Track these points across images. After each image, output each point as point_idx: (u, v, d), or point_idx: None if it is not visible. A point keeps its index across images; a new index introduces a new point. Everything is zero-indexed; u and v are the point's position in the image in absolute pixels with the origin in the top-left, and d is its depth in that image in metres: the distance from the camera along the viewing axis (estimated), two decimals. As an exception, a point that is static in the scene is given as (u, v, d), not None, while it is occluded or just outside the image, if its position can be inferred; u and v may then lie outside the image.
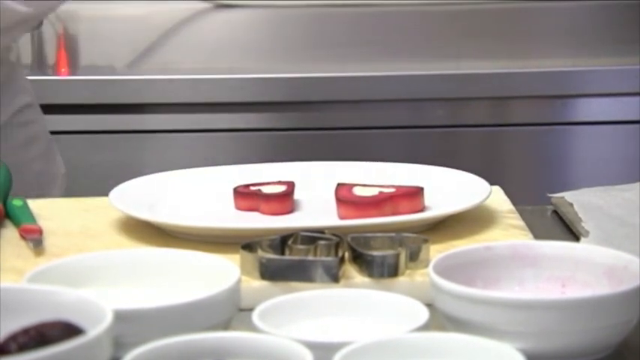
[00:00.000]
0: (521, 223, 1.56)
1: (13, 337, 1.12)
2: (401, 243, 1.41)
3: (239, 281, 1.28)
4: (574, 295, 1.29)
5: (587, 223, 1.57)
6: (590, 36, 2.82)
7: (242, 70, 2.56)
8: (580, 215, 1.61)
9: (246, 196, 1.60)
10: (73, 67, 2.74)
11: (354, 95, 2.49)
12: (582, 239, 1.52)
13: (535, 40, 2.83)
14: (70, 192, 1.98)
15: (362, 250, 1.39)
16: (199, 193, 1.65)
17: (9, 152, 1.93)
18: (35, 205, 1.62)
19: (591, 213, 1.61)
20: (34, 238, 1.51)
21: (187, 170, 1.70)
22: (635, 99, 2.48)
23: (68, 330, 1.13)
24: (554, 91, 2.49)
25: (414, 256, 1.39)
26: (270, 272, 1.37)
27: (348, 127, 2.48)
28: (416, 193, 1.55)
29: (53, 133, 2.14)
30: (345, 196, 1.55)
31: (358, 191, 1.56)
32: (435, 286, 1.26)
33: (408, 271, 1.38)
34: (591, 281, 1.31)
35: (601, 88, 2.48)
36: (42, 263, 1.36)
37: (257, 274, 1.37)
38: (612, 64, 2.54)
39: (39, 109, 2.10)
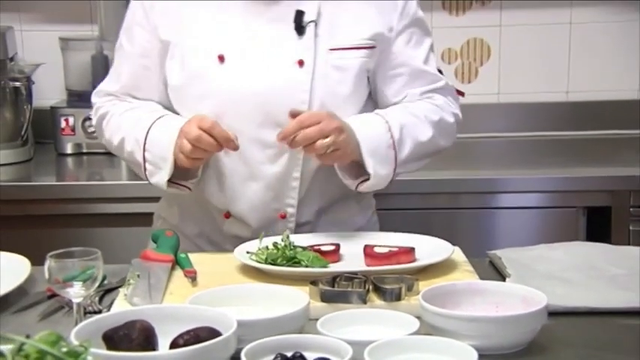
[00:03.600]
0: (471, 269, 1.56)
1: (181, 336, 1.18)
2: (402, 280, 1.42)
3: (308, 303, 1.31)
4: (503, 314, 1.31)
5: (509, 270, 1.57)
6: (509, 159, 2.77)
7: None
8: (505, 264, 1.60)
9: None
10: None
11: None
12: (507, 279, 1.52)
13: (479, 159, 2.77)
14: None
15: (379, 285, 1.41)
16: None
17: None
18: (192, 256, 1.62)
19: (511, 263, 1.60)
20: (192, 277, 1.53)
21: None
22: (534, 195, 2.45)
23: (212, 332, 1.18)
24: (488, 188, 2.46)
25: (410, 289, 1.41)
26: (327, 297, 1.39)
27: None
28: (410, 251, 1.56)
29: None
30: (369, 253, 1.56)
31: (377, 249, 1.56)
32: (422, 307, 1.29)
33: (406, 298, 1.40)
34: (513, 305, 1.33)
35: (517, 188, 2.46)
36: (196, 292, 1.39)
37: (319, 299, 1.40)
38: (523, 174, 2.51)
39: None
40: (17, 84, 2.69)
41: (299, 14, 1.68)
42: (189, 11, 1.71)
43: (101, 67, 2.71)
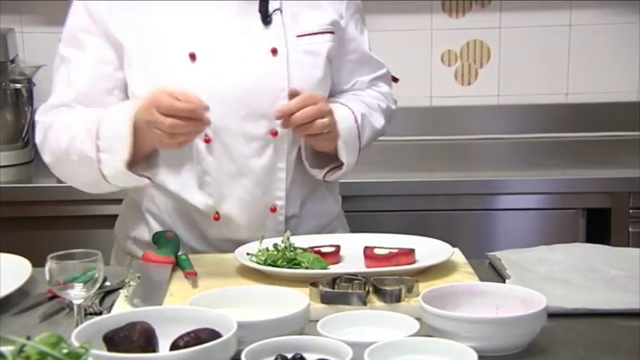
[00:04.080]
0: (471, 270, 1.56)
1: (181, 337, 1.17)
2: (402, 282, 1.42)
3: (309, 304, 1.31)
4: (503, 315, 1.31)
5: (509, 271, 1.57)
6: (509, 160, 2.76)
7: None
8: (505, 266, 1.60)
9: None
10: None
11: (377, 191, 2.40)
12: (507, 281, 1.52)
13: (479, 160, 2.76)
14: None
15: (379, 286, 1.41)
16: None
17: None
18: (193, 257, 1.62)
19: (511, 264, 1.60)
20: (192, 278, 1.53)
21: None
22: (534, 196, 2.45)
23: (212, 334, 1.18)
24: (488, 190, 2.45)
25: (410, 290, 1.41)
26: (327, 299, 1.39)
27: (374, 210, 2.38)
28: (410, 252, 1.56)
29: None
30: (369, 254, 1.56)
31: (377, 251, 1.56)
32: (422, 309, 1.29)
33: (406, 299, 1.40)
34: (513, 306, 1.33)
35: (517, 190, 2.46)
36: (197, 293, 1.39)
37: (319, 300, 1.40)
38: (522, 175, 2.50)
39: None
40: (18, 86, 2.70)
41: (264, 3, 1.68)
42: (147, 15, 1.66)
43: (102, 69, 2.70)
